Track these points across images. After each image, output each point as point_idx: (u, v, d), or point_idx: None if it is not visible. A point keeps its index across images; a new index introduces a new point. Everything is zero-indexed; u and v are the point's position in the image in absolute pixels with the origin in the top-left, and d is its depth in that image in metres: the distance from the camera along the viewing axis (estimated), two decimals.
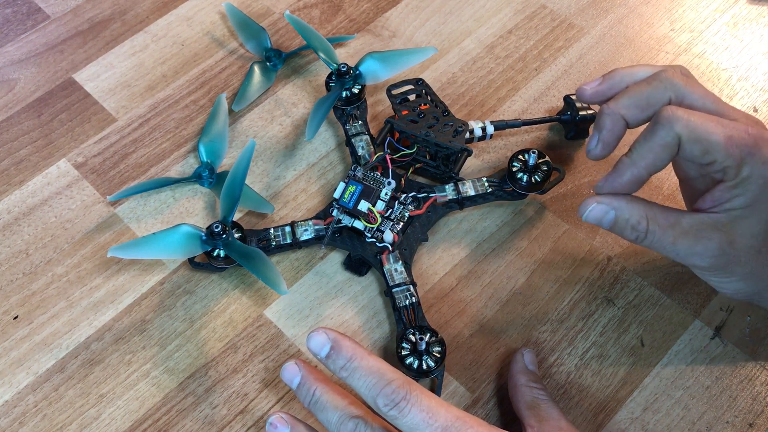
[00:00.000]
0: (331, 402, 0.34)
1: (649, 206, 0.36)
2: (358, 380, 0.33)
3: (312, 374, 0.35)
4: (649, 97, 0.36)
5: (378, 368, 0.33)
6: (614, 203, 0.36)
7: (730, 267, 0.35)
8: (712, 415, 0.39)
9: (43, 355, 0.42)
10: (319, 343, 0.34)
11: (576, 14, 0.56)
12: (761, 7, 0.56)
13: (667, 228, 0.35)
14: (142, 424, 0.39)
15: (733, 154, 0.34)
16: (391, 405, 0.31)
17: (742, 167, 0.34)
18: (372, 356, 0.33)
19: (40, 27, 0.56)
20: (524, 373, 0.39)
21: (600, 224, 0.37)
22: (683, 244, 0.35)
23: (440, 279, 0.44)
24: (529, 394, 0.38)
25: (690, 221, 0.35)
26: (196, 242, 0.42)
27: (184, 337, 0.42)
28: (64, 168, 0.49)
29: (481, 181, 0.45)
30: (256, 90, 0.52)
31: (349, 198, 0.43)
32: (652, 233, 0.35)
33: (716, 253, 0.35)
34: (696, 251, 0.35)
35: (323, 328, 0.34)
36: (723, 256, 0.35)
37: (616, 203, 0.36)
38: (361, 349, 0.34)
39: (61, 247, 0.46)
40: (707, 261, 0.35)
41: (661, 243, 0.36)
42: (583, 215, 0.37)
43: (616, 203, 0.36)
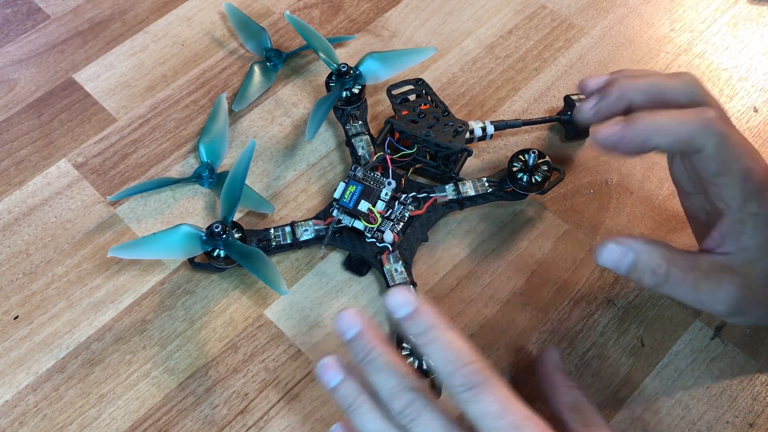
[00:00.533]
0: (391, 365, 0.31)
1: (668, 248, 0.34)
2: (437, 351, 0.30)
3: (372, 329, 0.32)
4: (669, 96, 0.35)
5: (461, 345, 0.30)
6: (633, 244, 0.34)
7: (749, 310, 0.35)
8: (713, 415, 0.39)
9: (43, 355, 0.42)
10: (402, 302, 0.31)
11: (576, 14, 0.56)
12: (761, 7, 0.56)
13: (687, 272, 0.34)
14: (143, 424, 0.39)
15: (746, 188, 0.33)
16: (467, 386, 0.29)
17: (749, 203, 0.33)
18: (455, 330, 0.31)
19: (40, 27, 0.56)
20: (560, 372, 0.37)
21: (617, 269, 0.34)
22: (705, 289, 0.34)
23: (440, 279, 0.44)
24: (570, 395, 0.36)
25: (708, 263, 0.34)
26: (196, 242, 0.42)
27: (184, 337, 0.42)
28: (64, 168, 0.49)
29: (481, 181, 0.45)
30: (256, 90, 0.52)
31: (349, 198, 0.43)
32: (674, 277, 0.34)
33: (737, 297, 0.34)
34: (718, 298, 0.34)
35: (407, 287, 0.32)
36: (743, 299, 0.34)
37: (635, 244, 0.34)
38: (445, 319, 0.31)
39: (61, 247, 0.46)
40: (728, 306, 0.34)
41: (684, 290, 0.34)
42: (599, 258, 0.34)
43: (635, 244, 0.34)
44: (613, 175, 0.48)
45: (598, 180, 0.47)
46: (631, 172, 0.48)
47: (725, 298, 0.34)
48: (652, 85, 0.36)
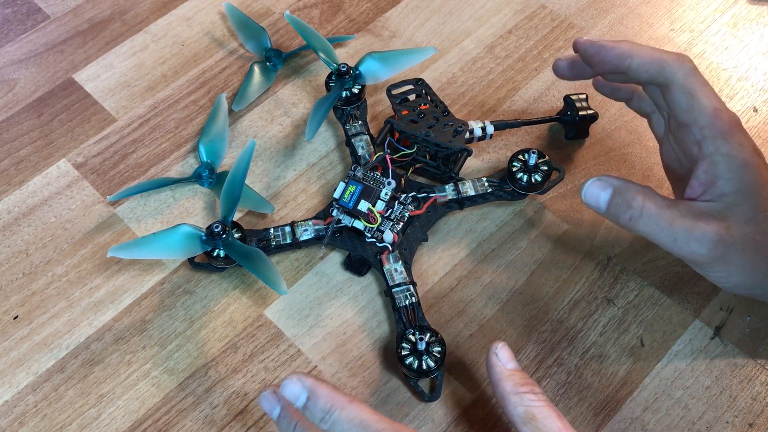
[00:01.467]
0: None
1: (648, 188, 0.36)
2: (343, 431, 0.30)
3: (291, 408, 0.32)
4: None
5: (361, 418, 0.30)
6: (612, 180, 0.36)
7: (728, 256, 0.35)
8: (712, 415, 0.39)
9: (43, 355, 0.42)
10: (295, 392, 0.31)
11: (576, 14, 0.56)
12: (761, 7, 0.56)
13: (663, 208, 0.35)
14: (142, 423, 0.39)
15: (715, 124, 0.35)
16: None
17: (719, 141, 0.35)
18: (354, 403, 0.31)
19: (40, 27, 0.56)
20: (507, 378, 0.34)
21: (597, 205, 0.36)
22: (681, 227, 0.34)
23: (440, 279, 0.44)
24: (520, 403, 0.33)
25: (686, 207, 0.35)
26: (196, 242, 0.42)
27: (184, 337, 0.42)
28: (64, 168, 0.49)
29: (481, 181, 0.45)
30: (256, 90, 0.52)
31: (349, 198, 0.43)
32: (648, 212, 0.35)
33: (714, 238, 0.34)
34: (695, 236, 0.34)
35: (297, 374, 0.32)
36: (721, 242, 0.34)
37: (613, 180, 0.36)
38: (340, 396, 0.31)
39: (61, 247, 0.46)
40: (706, 248, 0.34)
41: (658, 225, 0.35)
42: (584, 194, 0.37)
43: (614, 180, 0.36)
44: None
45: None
46: (631, 171, 0.48)
47: (702, 236, 0.34)
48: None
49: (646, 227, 0.35)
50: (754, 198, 0.35)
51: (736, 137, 0.35)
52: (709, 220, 0.35)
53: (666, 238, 0.35)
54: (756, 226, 0.35)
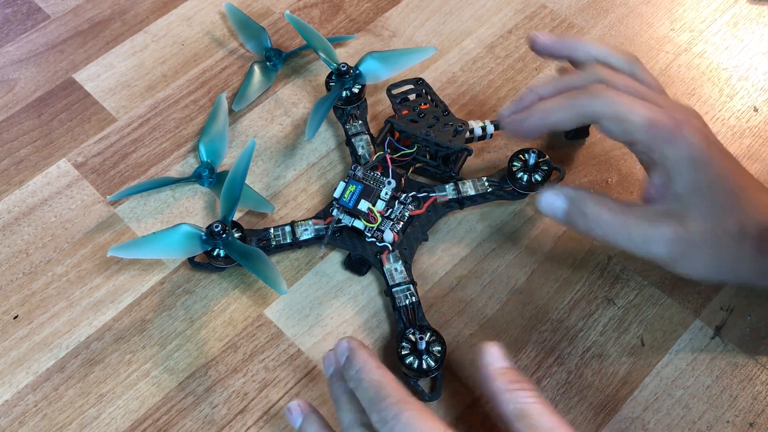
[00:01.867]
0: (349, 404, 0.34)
1: (602, 196, 0.37)
2: (362, 392, 0.33)
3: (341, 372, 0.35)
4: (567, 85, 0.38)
5: (379, 382, 0.32)
6: (565, 190, 0.37)
7: (690, 253, 0.35)
8: (713, 414, 0.39)
9: (43, 355, 0.42)
10: (341, 351, 0.35)
11: (576, 14, 0.56)
12: (761, 7, 0.56)
13: (618, 214, 0.36)
14: (142, 423, 0.39)
15: (654, 135, 0.35)
16: (382, 423, 0.31)
17: (664, 148, 0.35)
18: (380, 369, 0.33)
19: (40, 27, 0.56)
20: (498, 377, 0.33)
21: (555, 215, 0.37)
22: (637, 230, 0.35)
23: (440, 278, 0.44)
24: (513, 401, 0.32)
25: (642, 210, 0.36)
26: (196, 242, 0.42)
27: (184, 337, 0.42)
28: (64, 168, 0.49)
29: (481, 181, 0.45)
30: (256, 90, 0.52)
31: (349, 197, 0.43)
32: (603, 219, 0.36)
33: (673, 237, 0.35)
34: (652, 237, 0.35)
35: (349, 338, 0.35)
36: (680, 241, 0.35)
37: (567, 190, 0.37)
38: (372, 360, 0.34)
39: (61, 247, 0.46)
40: (665, 248, 0.35)
41: (614, 230, 0.36)
42: (539, 205, 0.38)
43: (567, 190, 0.37)
44: (613, 175, 0.48)
45: (598, 180, 0.47)
46: (631, 171, 0.48)
47: (659, 237, 0.35)
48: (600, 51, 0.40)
49: (603, 233, 0.36)
50: (710, 193, 0.35)
51: (681, 139, 0.35)
52: (667, 221, 0.35)
53: (625, 242, 0.36)
54: (714, 221, 0.35)
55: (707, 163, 0.35)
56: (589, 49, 0.41)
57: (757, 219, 0.35)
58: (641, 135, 0.35)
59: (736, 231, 0.35)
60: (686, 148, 0.35)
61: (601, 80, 0.37)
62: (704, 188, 0.35)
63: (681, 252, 0.35)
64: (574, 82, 0.38)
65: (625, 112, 0.35)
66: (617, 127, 0.36)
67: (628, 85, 0.37)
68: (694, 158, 0.35)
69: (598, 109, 0.36)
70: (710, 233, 0.35)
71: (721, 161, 0.36)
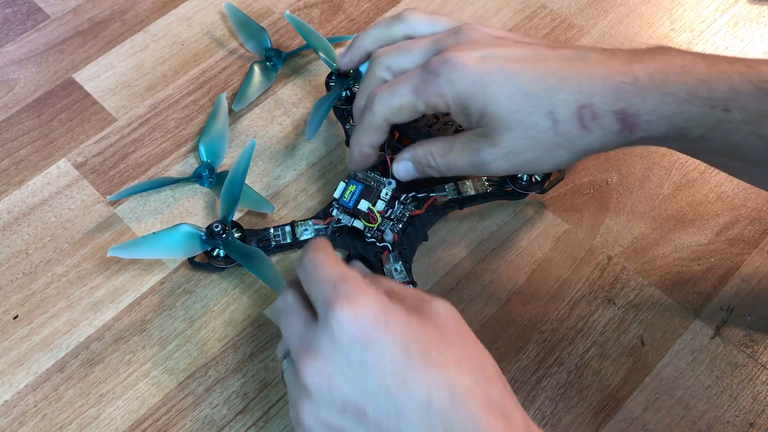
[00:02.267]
0: None
1: (431, 143, 0.39)
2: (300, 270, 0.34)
3: None
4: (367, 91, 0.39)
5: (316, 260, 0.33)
6: (406, 155, 0.40)
7: (515, 161, 0.36)
8: (713, 414, 0.39)
9: (42, 355, 0.42)
10: None
11: (576, 14, 0.56)
12: (761, 7, 0.56)
13: (445, 154, 0.38)
14: (142, 423, 0.39)
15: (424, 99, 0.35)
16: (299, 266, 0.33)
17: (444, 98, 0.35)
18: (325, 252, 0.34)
19: (40, 27, 0.56)
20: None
21: (409, 173, 0.40)
22: (464, 161, 0.37)
23: (440, 279, 0.44)
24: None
25: (462, 140, 0.37)
26: (196, 242, 0.42)
27: (183, 337, 0.42)
28: (64, 168, 0.49)
29: (481, 181, 0.45)
30: (256, 90, 0.52)
31: (349, 197, 0.43)
32: (440, 163, 0.38)
33: (491, 157, 0.36)
34: (477, 162, 0.36)
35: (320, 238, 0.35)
36: (499, 157, 0.36)
37: (407, 154, 0.40)
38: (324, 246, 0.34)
39: (61, 247, 0.46)
40: (494, 167, 0.36)
41: (451, 168, 0.38)
42: (396, 173, 0.40)
43: (408, 153, 0.40)
44: (613, 175, 0.48)
45: (598, 180, 0.47)
46: (631, 171, 0.48)
47: (482, 160, 0.36)
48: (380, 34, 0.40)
49: (449, 170, 0.38)
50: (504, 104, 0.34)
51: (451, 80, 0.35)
52: (482, 143, 0.36)
53: (463, 172, 0.38)
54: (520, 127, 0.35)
55: (487, 74, 0.34)
56: (365, 42, 0.41)
57: (570, 97, 0.34)
58: (420, 105, 0.36)
59: (548, 124, 0.34)
60: (460, 73, 0.34)
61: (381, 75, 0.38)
62: (494, 103, 0.34)
63: (507, 164, 0.36)
64: (368, 88, 0.39)
65: (397, 103, 0.36)
66: (407, 115, 0.37)
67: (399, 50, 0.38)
68: (471, 79, 0.34)
69: (380, 116, 0.37)
70: (521, 139, 0.35)
71: (515, 60, 0.35)
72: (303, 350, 0.31)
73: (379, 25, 0.40)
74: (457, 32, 0.37)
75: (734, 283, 0.43)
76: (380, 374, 0.29)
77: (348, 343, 0.29)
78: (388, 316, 0.30)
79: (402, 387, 0.29)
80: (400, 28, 0.39)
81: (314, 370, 0.30)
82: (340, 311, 0.29)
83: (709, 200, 0.46)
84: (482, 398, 0.29)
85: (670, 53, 0.34)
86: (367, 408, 0.29)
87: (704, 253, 0.44)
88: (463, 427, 0.28)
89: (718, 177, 0.47)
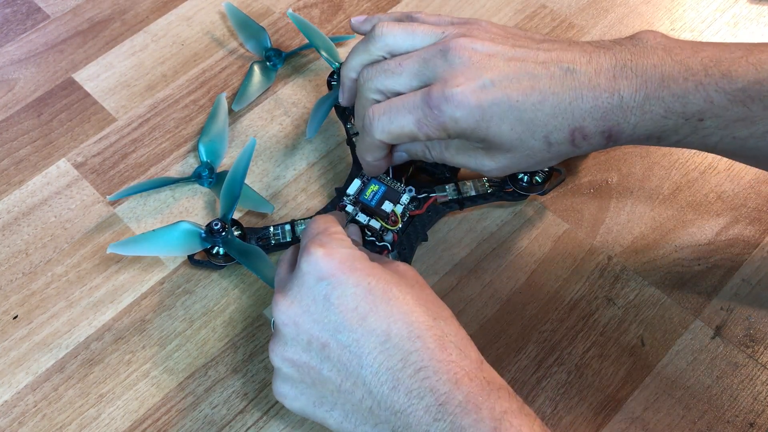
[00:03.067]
0: None
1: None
2: None
3: None
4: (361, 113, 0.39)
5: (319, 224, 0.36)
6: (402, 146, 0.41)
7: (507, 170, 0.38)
8: (713, 414, 0.39)
9: (42, 355, 0.42)
10: None
11: (576, 14, 0.56)
12: (761, 7, 0.56)
13: (441, 153, 0.40)
14: (142, 423, 0.39)
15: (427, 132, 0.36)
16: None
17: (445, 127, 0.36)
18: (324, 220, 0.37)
19: (40, 27, 0.56)
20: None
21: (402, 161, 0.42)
22: (460, 160, 0.39)
23: (440, 278, 0.44)
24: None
25: (458, 145, 0.39)
26: (196, 239, 0.42)
27: (183, 337, 0.42)
28: (63, 168, 0.49)
29: (481, 182, 0.45)
30: (256, 90, 0.52)
31: (371, 196, 0.43)
32: (436, 158, 0.40)
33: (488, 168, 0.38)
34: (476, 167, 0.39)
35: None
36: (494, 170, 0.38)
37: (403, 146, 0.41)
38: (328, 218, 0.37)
39: (61, 247, 0.46)
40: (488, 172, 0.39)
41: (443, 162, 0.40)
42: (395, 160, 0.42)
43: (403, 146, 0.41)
44: (613, 175, 0.47)
45: (598, 180, 0.47)
46: (631, 171, 0.48)
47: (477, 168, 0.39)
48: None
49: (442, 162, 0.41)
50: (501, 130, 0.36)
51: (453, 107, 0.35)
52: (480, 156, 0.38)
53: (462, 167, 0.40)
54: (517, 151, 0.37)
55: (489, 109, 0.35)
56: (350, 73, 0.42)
57: (564, 123, 0.35)
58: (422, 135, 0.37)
59: (543, 146, 0.36)
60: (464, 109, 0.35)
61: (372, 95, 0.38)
62: (496, 134, 0.36)
63: (501, 173, 0.39)
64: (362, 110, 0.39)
65: (397, 129, 0.37)
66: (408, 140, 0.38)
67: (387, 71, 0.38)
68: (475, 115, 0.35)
69: (380, 139, 0.38)
70: (518, 157, 0.37)
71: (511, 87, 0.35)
72: (278, 293, 0.34)
73: (357, 52, 0.40)
74: (445, 54, 0.36)
75: (734, 283, 0.43)
76: (342, 310, 0.32)
77: (314, 282, 0.32)
78: (354, 261, 0.33)
79: (362, 321, 0.31)
80: (378, 48, 0.39)
81: (282, 308, 0.33)
82: (310, 255, 0.33)
83: (709, 200, 0.46)
84: (438, 334, 0.32)
85: (654, 53, 0.35)
86: (330, 342, 0.32)
87: (704, 253, 0.44)
88: (418, 357, 0.31)
89: (718, 177, 0.47)
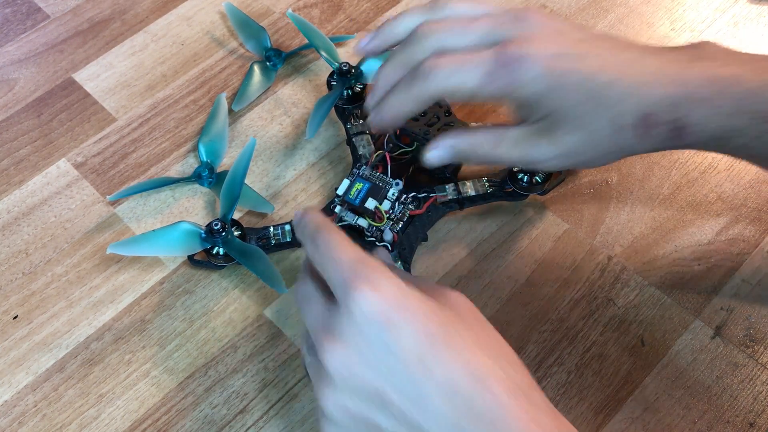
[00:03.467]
0: None
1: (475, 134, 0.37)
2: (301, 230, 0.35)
3: None
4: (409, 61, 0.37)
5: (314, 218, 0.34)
6: (447, 142, 0.37)
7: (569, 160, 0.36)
8: (713, 414, 0.39)
9: (42, 355, 0.42)
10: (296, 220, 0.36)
11: (576, 14, 0.56)
12: (761, 7, 0.56)
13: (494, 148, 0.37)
14: (142, 423, 0.39)
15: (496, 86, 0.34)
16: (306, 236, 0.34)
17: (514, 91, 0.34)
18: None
19: (39, 27, 0.56)
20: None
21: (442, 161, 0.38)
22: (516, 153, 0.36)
23: (440, 279, 0.44)
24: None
25: (514, 136, 0.36)
26: (196, 239, 0.42)
27: (183, 337, 0.42)
28: (63, 168, 0.49)
29: (481, 182, 0.45)
30: (255, 90, 0.52)
31: (355, 195, 0.43)
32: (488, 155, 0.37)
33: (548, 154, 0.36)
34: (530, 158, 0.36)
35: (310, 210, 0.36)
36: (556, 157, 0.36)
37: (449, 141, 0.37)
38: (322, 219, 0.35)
39: (61, 247, 0.46)
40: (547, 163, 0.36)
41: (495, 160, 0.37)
42: (428, 161, 0.38)
43: (449, 141, 0.37)
44: (613, 175, 0.47)
45: (598, 180, 0.47)
46: (631, 171, 0.48)
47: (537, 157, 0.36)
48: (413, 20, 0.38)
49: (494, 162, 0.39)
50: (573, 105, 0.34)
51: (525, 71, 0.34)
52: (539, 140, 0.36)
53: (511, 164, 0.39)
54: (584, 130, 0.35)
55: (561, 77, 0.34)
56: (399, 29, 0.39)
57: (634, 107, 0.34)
58: (485, 92, 0.34)
59: (609, 131, 0.34)
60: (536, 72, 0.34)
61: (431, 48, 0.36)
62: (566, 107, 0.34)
63: (561, 162, 0.36)
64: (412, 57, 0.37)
65: (459, 82, 0.34)
66: (463, 97, 0.35)
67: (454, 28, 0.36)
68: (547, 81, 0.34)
69: (435, 91, 0.35)
70: (582, 142, 0.35)
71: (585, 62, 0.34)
72: (323, 335, 0.30)
73: (416, 11, 0.38)
74: (518, 20, 0.35)
75: (734, 283, 0.43)
76: (403, 358, 0.28)
77: (368, 325, 0.29)
78: (407, 299, 0.29)
79: (426, 371, 0.28)
80: (444, 15, 0.37)
81: (335, 354, 0.29)
82: (359, 293, 0.29)
83: (709, 200, 0.46)
84: (505, 380, 0.29)
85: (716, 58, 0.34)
86: (389, 391, 0.29)
87: (704, 253, 0.44)
88: (486, 409, 0.28)
89: (718, 177, 0.47)
